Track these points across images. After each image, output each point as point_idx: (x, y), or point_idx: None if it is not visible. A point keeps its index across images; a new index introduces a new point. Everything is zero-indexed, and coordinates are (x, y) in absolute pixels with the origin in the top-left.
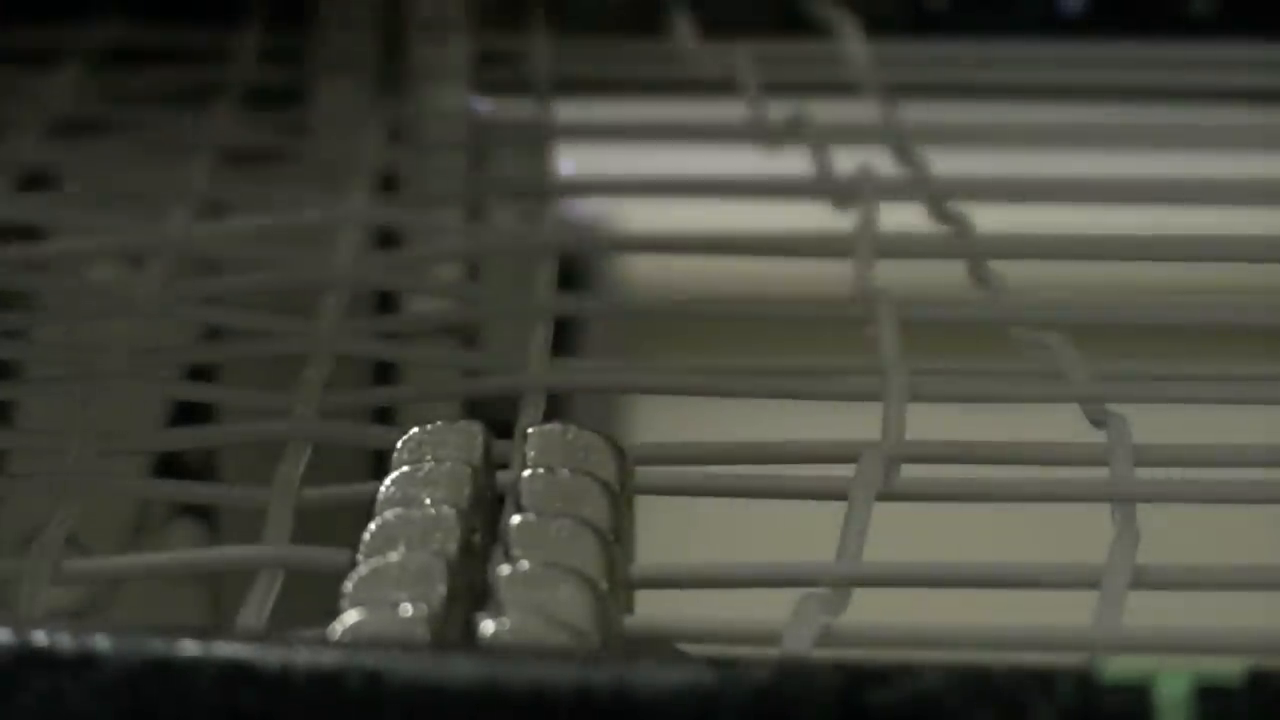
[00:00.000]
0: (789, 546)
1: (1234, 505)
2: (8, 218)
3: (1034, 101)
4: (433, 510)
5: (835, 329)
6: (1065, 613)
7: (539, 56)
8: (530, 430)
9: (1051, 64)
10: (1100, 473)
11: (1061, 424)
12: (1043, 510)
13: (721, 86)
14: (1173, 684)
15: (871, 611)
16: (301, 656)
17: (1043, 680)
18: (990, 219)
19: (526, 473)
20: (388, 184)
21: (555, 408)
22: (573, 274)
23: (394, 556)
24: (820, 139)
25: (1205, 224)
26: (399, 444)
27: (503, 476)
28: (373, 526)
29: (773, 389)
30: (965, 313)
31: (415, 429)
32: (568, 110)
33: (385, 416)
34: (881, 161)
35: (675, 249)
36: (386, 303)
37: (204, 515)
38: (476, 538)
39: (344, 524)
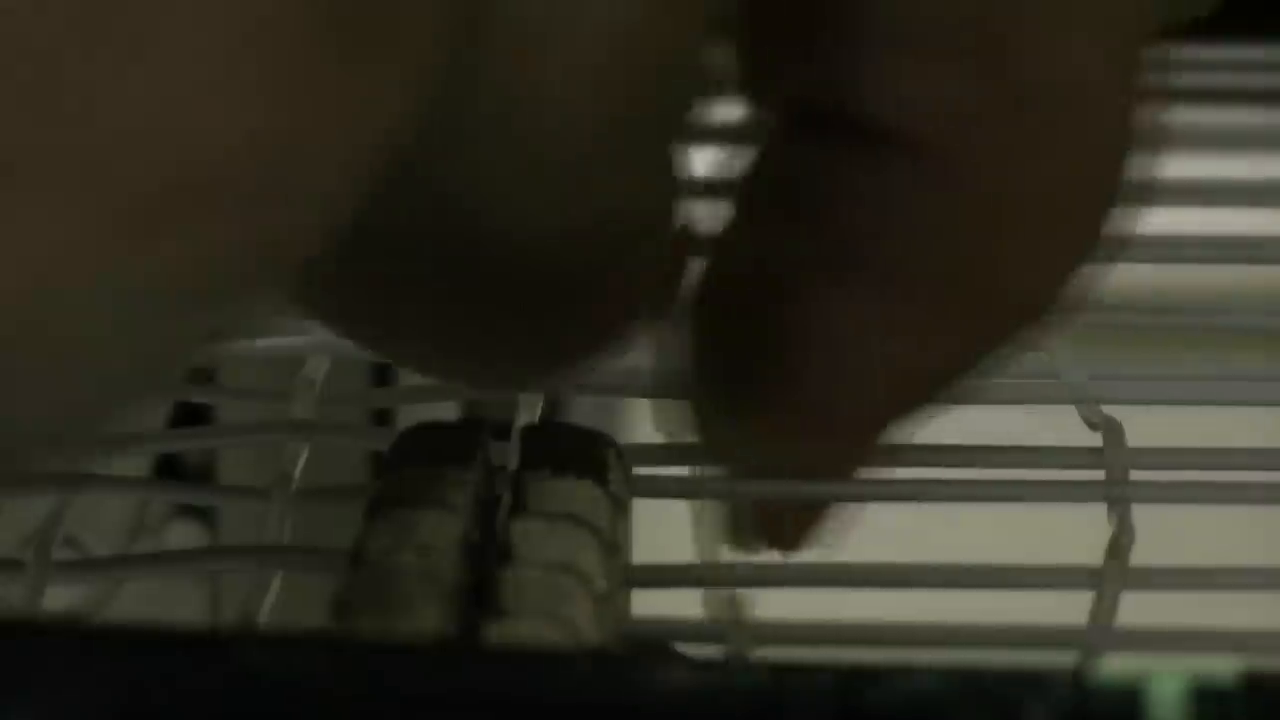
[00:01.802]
0: None
1: (1231, 505)
2: None
3: None
4: (432, 510)
5: None
6: (1061, 613)
7: None
8: (528, 430)
9: None
10: (1096, 474)
11: (1059, 424)
12: (1039, 510)
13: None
14: (1167, 684)
15: (868, 610)
16: (301, 658)
17: (1037, 680)
18: None
19: (525, 473)
20: None
21: (555, 408)
22: None
23: (394, 556)
24: None
25: (1205, 224)
26: (398, 444)
27: (502, 476)
28: (372, 527)
29: None
30: None
31: (415, 428)
32: None
33: (385, 416)
34: None
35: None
36: None
37: (204, 515)
38: (476, 537)
39: (344, 524)
